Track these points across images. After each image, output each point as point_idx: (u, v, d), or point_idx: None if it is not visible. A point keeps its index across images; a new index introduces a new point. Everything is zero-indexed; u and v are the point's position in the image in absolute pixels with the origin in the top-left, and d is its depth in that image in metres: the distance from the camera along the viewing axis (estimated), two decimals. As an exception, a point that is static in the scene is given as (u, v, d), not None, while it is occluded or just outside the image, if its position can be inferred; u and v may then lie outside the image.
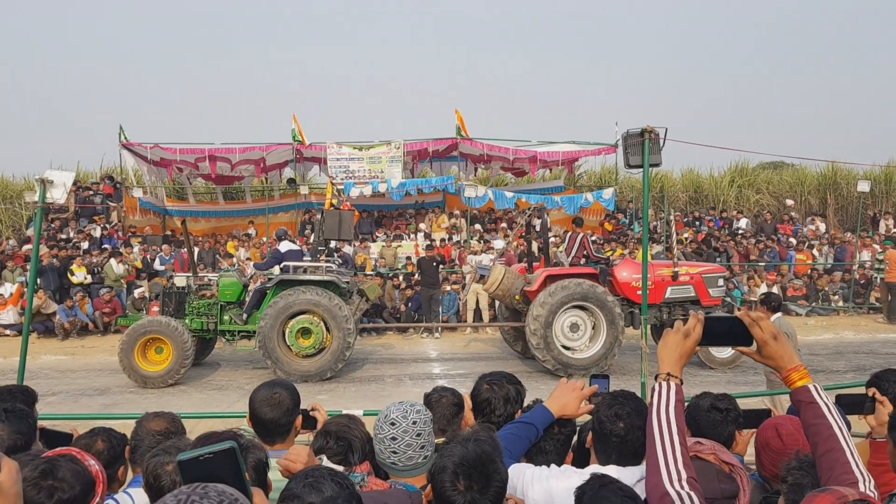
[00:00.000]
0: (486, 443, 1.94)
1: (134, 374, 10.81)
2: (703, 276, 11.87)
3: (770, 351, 1.94)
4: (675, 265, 11.80)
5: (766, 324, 1.96)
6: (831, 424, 1.84)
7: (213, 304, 11.65)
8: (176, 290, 11.89)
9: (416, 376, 11.73)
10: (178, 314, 11.58)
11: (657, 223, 20.86)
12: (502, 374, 3.14)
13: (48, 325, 14.89)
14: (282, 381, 3.01)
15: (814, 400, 1.90)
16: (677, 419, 1.82)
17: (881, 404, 3.05)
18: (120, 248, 17.17)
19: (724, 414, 3.02)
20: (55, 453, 2.12)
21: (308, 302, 10.96)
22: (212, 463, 1.44)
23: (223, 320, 11.58)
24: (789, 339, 6.39)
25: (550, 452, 2.67)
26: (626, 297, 11.66)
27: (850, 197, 23.19)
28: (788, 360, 1.94)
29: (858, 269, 17.71)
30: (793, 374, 1.93)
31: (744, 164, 25.13)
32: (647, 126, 6.39)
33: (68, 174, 6.17)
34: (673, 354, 1.93)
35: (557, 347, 11.08)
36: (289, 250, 11.82)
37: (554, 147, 20.56)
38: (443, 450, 1.91)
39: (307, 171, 22.52)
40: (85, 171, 24.13)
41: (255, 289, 11.91)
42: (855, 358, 12.56)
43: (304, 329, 10.98)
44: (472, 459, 1.84)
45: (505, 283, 11.73)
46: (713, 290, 11.85)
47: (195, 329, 11.43)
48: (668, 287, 11.66)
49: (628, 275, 11.64)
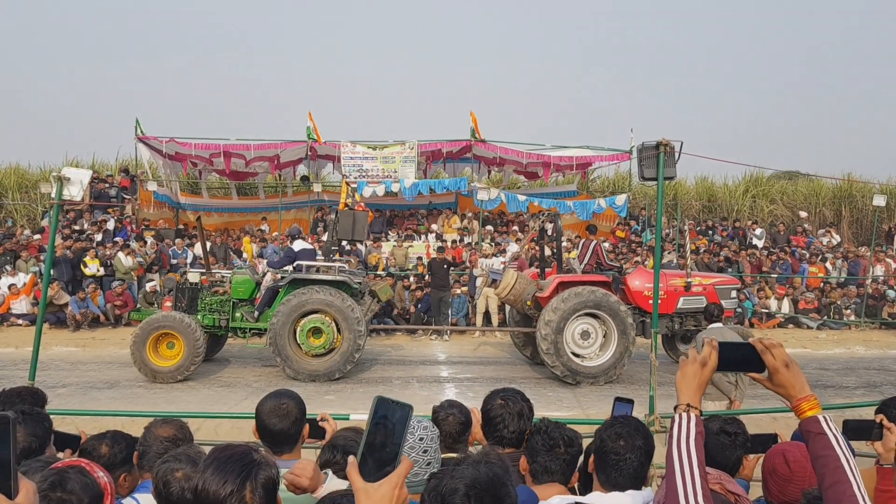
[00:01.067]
0: (496, 465, 1.94)
1: (144, 369, 10.88)
2: (715, 286, 11.82)
3: (781, 379, 1.93)
4: (688, 275, 11.75)
5: (779, 351, 1.95)
6: (839, 456, 1.83)
7: (225, 301, 11.71)
8: (189, 285, 11.97)
9: (423, 379, 11.74)
10: (190, 310, 11.65)
11: (669, 231, 20.78)
12: (514, 389, 3.14)
13: (60, 316, 15.00)
14: (288, 391, 3.02)
15: (823, 431, 1.88)
16: (697, 452, 1.81)
17: (889, 431, 3.05)
18: (130, 241, 17.27)
19: (732, 438, 3.01)
20: (64, 464, 2.15)
21: (320, 301, 10.99)
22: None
23: (235, 317, 11.64)
24: None
25: (556, 472, 2.67)
26: (638, 305, 11.62)
27: (866, 210, 23.03)
28: (800, 388, 1.92)
29: (872, 283, 17.58)
30: (803, 403, 1.92)
31: (758, 174, 24.98)
32: (662, 139, 6.37)
33: (85, 172, 6.21)
34: (692, 385, 1.92)
35: (567, 354, 11.04)
36: (302, 249, 11.86)
37: (567, 152, 20.49)
38: (453, 471, 1.91)
39: (321, 168, 22.59)
40: (100, 163, 24.36)
41: (267, 286, 11.96)
42: (866, 374, 12.47)
43: (315, 328, 11.01)
44: (483, 482, 1.83)
45: (517, 287, 11.72)
46: (726, 301, 11.77)
47: (207, 325, 11.50)
48: (680, 297, 11.63)
49: (641, 284, 11.59)
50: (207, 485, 1.74)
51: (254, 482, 1.76)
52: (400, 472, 1.46)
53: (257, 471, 1.78)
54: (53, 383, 10.45)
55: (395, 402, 1.48)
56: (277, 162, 21.15)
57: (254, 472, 1.77)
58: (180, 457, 2.36)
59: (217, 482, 1.73)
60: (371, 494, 1.47)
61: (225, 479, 1.73)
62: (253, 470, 1.78)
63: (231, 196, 22.92)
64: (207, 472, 1.76)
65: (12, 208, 21.41)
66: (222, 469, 1.76)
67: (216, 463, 1.78)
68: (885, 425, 3.06)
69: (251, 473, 1.77)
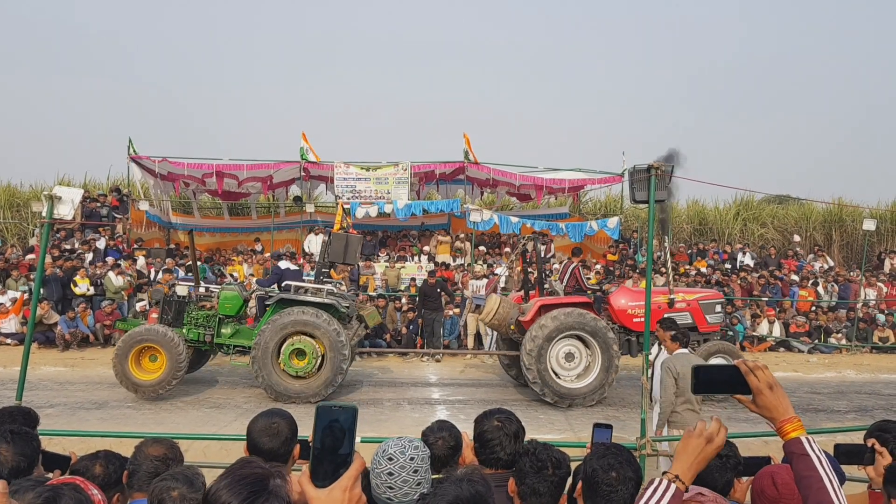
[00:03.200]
0: (479, 483, 1.93)
1: (126, 382, 10.77)
2: (699, 302, 11.76)
3: (765, 401, 1.94)
4: (670, 292, 11.72)
5: (763, 373, 1.95)
6: (822, 477, 1.84)
7: (211, 317, 11.63)
8: (177, 298, 11.88)
9: (414, 401, 11.68)
10: (176, 323, 11.55)
11: (660, 253, 20.84)
12: (508, 411, 3.11)
13: (49, 336, 14.89)
14: (280, 410, 3.02)
15: (806, 452, 1.89)
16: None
17: (881, 455, 3.05)
18: (121, 260, 17.19)
19: (723, 461, 3.01)
20: (59, 481, 2.13)
21: (306, 323, 10.93)
22: None
23: (220, 333, 11.56)
24: (679, 380, 6.38)
25: (545, 494, 2.66)
26: (622, 325, 11.60)
27: (856, 234, 23.17)
28: (783, 411, 1.93)
29: (862, 307, 17.65)
30: (786, 425, 1.92)
31: (749, 198, 25.16)
32: (654, 162, 6.43)
33: (76, 191, 6.19)
34: (689, 459, 1.93)
35: (552, 377, 11.02)
36: (287, 268, 11.87)
37: (560, 174, 20.62)
38: (437, 489, 1.91)
39: (314, 189, 22.62)
40: (92, 182, 24.31)
41: (258, 296, 11.93)
42: (857, 398, 12.47)
43: (299, 350, 10.93)
44: (466, 499, 1.83)
45: (500, 312, 11.71)
46: (710, 316, 11.75)
47: (191, 339, 11.41)
48: (664, 314, 11.60)
49: (625, 302, 11.60)
50: (217, 496, 1.69)
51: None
52: (350, 474, 1.44)
53: (266, 499, 1.72)
54: (41, 403, 10.33)
55: (338, 406, 1.49)
56: (270, 182, 21.17)
57: (261, 501, 1.67)
58: (177, 476, 2.35)
59: (225, 497, 1.65)
60: (323, 501, 1.46)
61: (230, 500, 1.65)
62: (261, 498, 1.68)
63: (223, 216, 22.91)
64: (222, 482, 1.68)
65: (3, 227, 21.33)
66: (235, 486, 1.68)
67: (233, 477, 1.72)
68: (877, 450, 3.07)
69: (257, 502, 1.66)
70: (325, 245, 12.16)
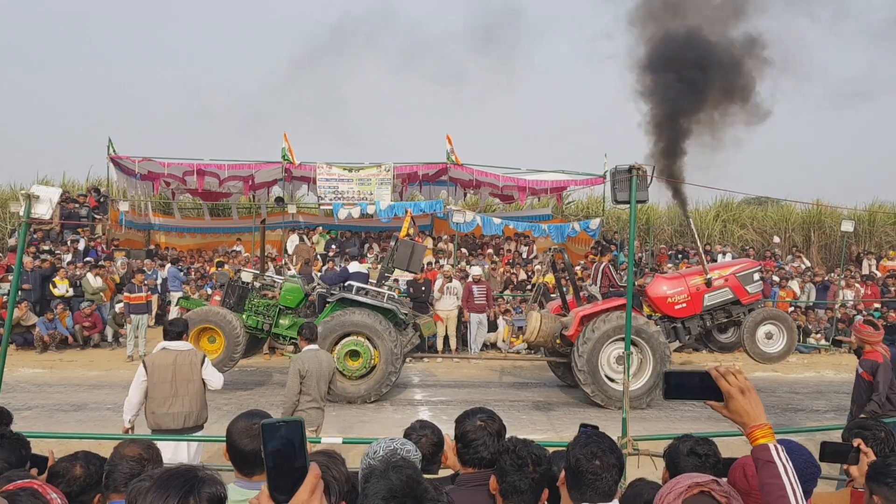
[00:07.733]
0: (405, 468, 1.86)
1: None
2: (736, 275, 11.67)
3: (736, 406, 1.93)
4: (706, 272, 11.56)
5: (734, 378, 1.95)
6: (784, 485, 1.84)
7: (272, 306, 11.69)
8: (241, 283, 11.91)
9: (397, 402, 11.65)
10: (237, 308, 11.63)
11: (642, 255, 20.97)
12: (488, 409, 3.12)
13: (27, 337, 14.70)
14: (260, 411, 3.00)
15: (772, 459, 1.89)
16: None
17: (865, 455, 3.10)
18: (101, 261, 17.02)
19: (702, 459, 3.01)
20: (16, 486, 2.09)
21: (365, 325, 10.99)
22: None
23: (279, 323, 11.61)
24: None
25: (526, 491, 2.65)
26: (664, 313, 11.51)
27: (834, 235, 23.41)
28: (755, 416, 1.92)
29: (840, 307, 17.82)
30: (756, 430, 1.92)
31: (729, 200, 25.37)
32: (635, 164, 6.47)
33: (54, 190, 6.12)
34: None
35: (606, 382, 10.91)
36: (357, 272, 11.97)
37: (543, 175, 20.71)
38: (365, 488, 1.83)
39: (296, 190, 22.55)
40: (71, 182, 24.04)
41: (318, 293, 11.96)
42: (836, 398, 12.57)
43: (353, 351, 11.03)
44: (400, 488, 1.75)
45: (544, 329, 11.32)
46: (750, 286, 11.66)
47: (250, 326, 11.48)
48: (704, 295, 11.48)
49: (664, 290, 11.48)
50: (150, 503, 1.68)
51: (197, 497, 1.69)
52: (307, 485, 1.44)
53: (200, 486, 1.71)
54: (19, 405, 10.19)
55: (283, 422, 1.47)
56: (252, 183, 21.08)
57: (196, 488, 1.71)
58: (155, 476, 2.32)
59: (159, 499, 1.67)
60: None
61: (167, 495, 1.67)
62: (196, 486, 1.71)
63: (204, 217, 22.75)
64: (149, 493, 1.70)
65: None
66: (164, 486, 1.70)
67: (158, 482, 1.72)
68: (862, 450, 3.12)
69: (194, 489, 1.70)
70: (391, 251, 12.22)
